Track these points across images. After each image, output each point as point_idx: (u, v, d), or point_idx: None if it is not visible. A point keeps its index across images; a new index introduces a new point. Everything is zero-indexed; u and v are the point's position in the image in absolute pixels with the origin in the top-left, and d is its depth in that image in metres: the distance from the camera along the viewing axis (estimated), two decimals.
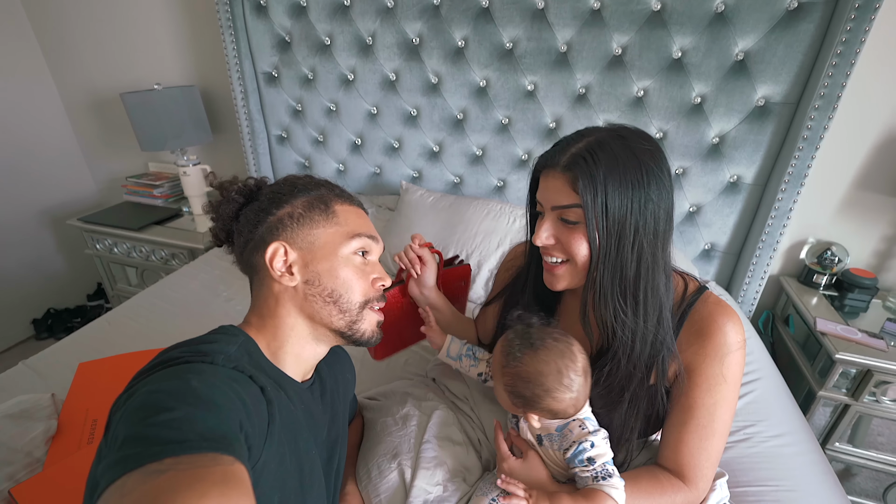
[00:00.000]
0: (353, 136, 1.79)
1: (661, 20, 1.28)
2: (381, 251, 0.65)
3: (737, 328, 0.65)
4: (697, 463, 0.66)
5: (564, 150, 0.63)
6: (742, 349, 0.66)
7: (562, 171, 0.62)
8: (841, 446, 1.35)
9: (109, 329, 1.31)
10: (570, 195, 0.61)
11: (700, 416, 0.65)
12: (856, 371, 1.24)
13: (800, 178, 1.29)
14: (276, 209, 0.58)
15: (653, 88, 1.37)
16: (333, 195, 0.62)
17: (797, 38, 1.20)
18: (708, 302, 0.68)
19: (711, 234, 1.51)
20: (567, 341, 0.65)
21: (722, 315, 0.66)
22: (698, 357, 0.66)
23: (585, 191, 0.59)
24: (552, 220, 0.65)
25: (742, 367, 0.67)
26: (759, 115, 1.31)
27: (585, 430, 0.63)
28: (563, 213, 0.63)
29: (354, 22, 1.57)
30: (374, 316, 0.63)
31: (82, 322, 2.37)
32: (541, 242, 0.66)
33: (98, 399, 0.96)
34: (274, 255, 0.56)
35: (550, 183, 0.64)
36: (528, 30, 1.42)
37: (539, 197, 0.67)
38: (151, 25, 1.93)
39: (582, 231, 0.62)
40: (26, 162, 2.18)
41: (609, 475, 0.61)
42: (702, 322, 0.66)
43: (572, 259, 0.65)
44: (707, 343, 0.65)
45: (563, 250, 0.65)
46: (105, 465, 0.34)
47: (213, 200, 0.63)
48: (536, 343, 0.64)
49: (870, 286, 1.42)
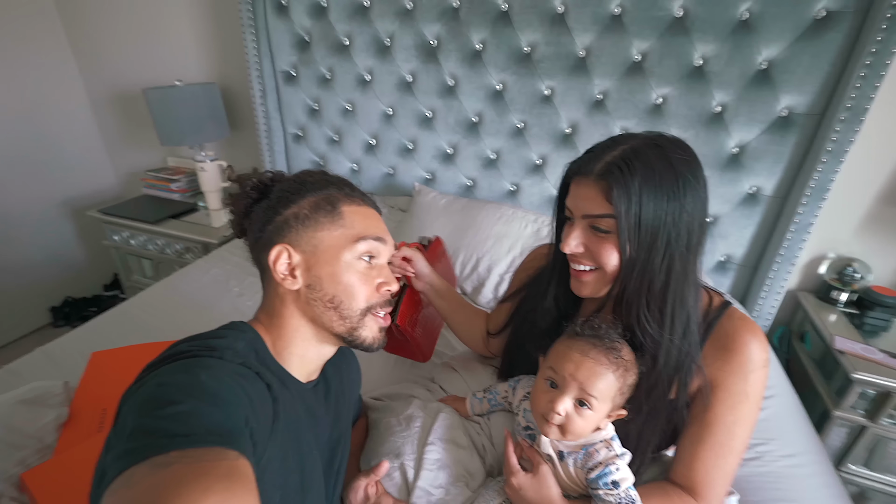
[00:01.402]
0: (369, 137, 1.80)
1: (684, 27, 1.27)
2: (390, 253, 0.64)
3: (762, 346, 0.64)
4: (712, 480, 0.65)
5: (598, 158, 0.61)
6: (766, 367, 0.65)
7: (595, 180, 0.61)
8: (856, 468, 1.31)
9: (123, 319, 1.33)
10: (602, 205, 0.60)
11: (719, 432, 0.64)
12: (875, 392, 1.21)
13: (822, 192, 1.26)
14: (284, 209, 0.58)
15: (672, 96, 1.35)
16: (342, 195, 0.60)
17: (824, 48, 1.17)
18: (734, 318, 0.67)
19: (728, 246, 1.48)
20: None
21: (748, 332, 0.65)
22: (722, 373, 0.64)
23: (619, 201, 0.58)
24: (582, 228, 0.64)
25: (765, 386, 0.66)
26: (782, 126, 1.28)
27: (613, 453, 0.62)
28: (594, 221, 0.62)
29: (373, 23, 1.58)
30: (376, 323, 0.61)
31: (98, 311, 2.41)
32: (569, 250, 0.64)
33: (109, 388, 0.97)
34: (277, 257, 0.56)
35: (582, 191, 0.63)
36: (546, 34, 1.41)
37: (569, 204, 0.65)
38: (175, 24, 1.97)
39: (613, 241, 0.61)
40: (51, 153, 2.24)
41: (633, 501, 0.60)
42: (727, 338, 0.65)
43: (601, 268, 0.64)
44: (732, 359, 0.64)
45: (593, 259, 0.64)
46: (113, 455, 0.34)
47: (233, 193, 0.64)
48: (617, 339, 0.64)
49: (892, 305, 1.37)
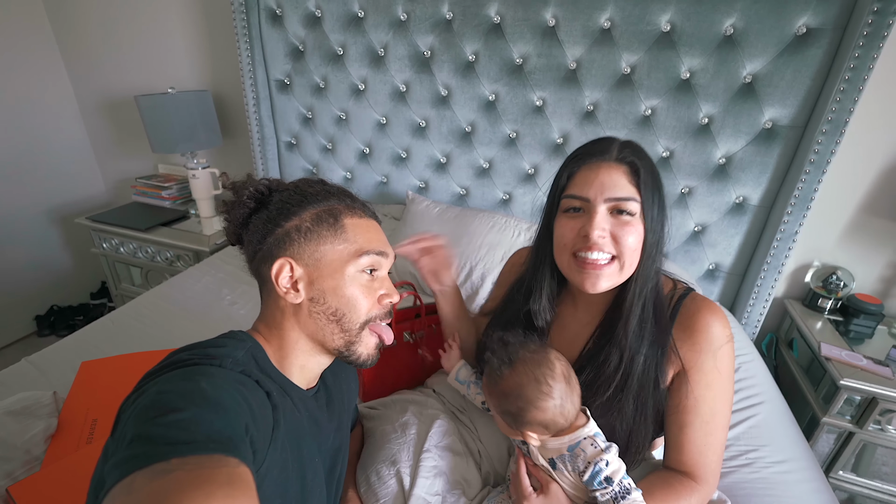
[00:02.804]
0: (362, 145, 1.81)
1: (671, 41, 1.30)
2: (390, 265, 0.64)
3: (722, 322, 0.67)
4: (705, 460, 0.67)
5: (609, 146, 0.65)
6: (731, 342, 0.67)
7: (617, 163, 0.63)
8: (845, 475, 1.33)
9: (113, 328, 1.31)
10: (627, 187, 0.62)
11: (702, 412, 0.66)
12: (861, 398, 1.23)
13: (806, 202, 1.29)
14: (285, 221, 0.57)
15: (660, 108, 1.38)
16: (344, 206, 0.60)
17: (805, 63, 1.21)
18: (696, 300, 0.70)
19: (716, 255, 1.51)
20: (543, 350, 0.66)
21: (707, 312, 0.67)
22: (692, 353, 0.67)
23: (645, 183, 0.61)
24: (605, 212, 0.64)
25: (733, 360, 0.69)
26: (766, 138, 1.32)
27: (598, 448, 0.63)
28: (619, 204, 0.63)
29: (367, 33, 1.60)
30: (372, 339, 0.61)
31: (84, 320, 2.38)
32: (596, 236, 0.63)
33: (99, 398, 0.96)
34: (280, 271, 0.55)
35: (603, 175, 0.63)
36: (538, 46, 1.44)
37: (583, 192, 0.64)
38: (168, 31, 1.97)
39: (635, 224, 0.63)
40: (38, 159, 2.21)
41: (628, 491, 0.60)
42: (690, 319, 0.68)
43: (620, 255, 0.64)
44: (698, 339, 0.66)
45: (614, 245, 0.64)
46: (112, 463, 0.34)
47: (227, 200, 0.62)
48: (513, 358, 0.65)
49: (875, 312, 1.40)
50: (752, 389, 1.15)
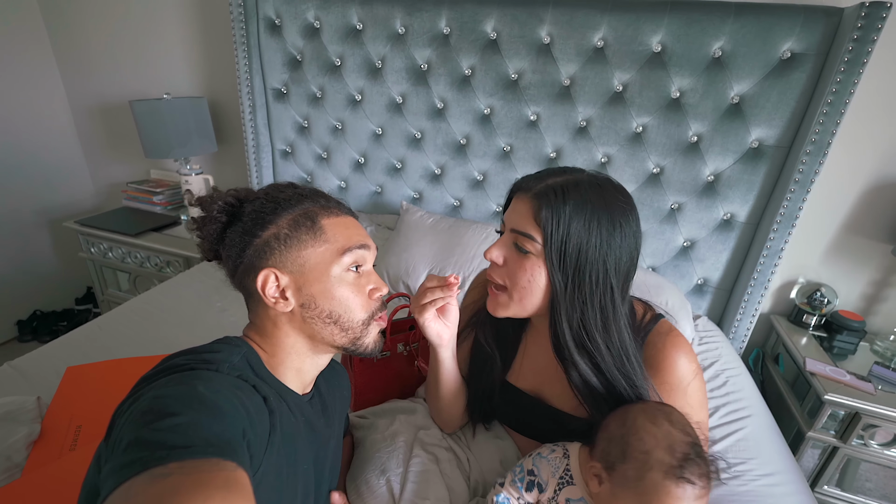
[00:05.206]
0: (357, 155, 1.82)
1: (661, 61, 1.34)
2: (374, 257, 0.63)
3: (689, 357, 0.68)
4: None
5: (542, 180, 0.65)
6: (699, 375, 0.68)
7: (531, 199, 0.64)
8: (830, 489, 1.35)
9: (99, 334, 1.29)
10: (531, 224, 0.63)
11: None
12: (844, 413, 1.25)
13: (791, 219, 1.33)
14: (262, 231, 0.55)
15: (651, 125, 1.42)
16: (319, 207, 0.59)
17: (790, 86, 1.25)
18: (661, 333, 0.70)
19: (704, 270, 1.54)
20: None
21: (673, 349, 0.68)
22: (662, 389, 0.67)
23: (547, 223, 0.61)
24: (508, 242, 0.66)
25: (704, 390, 0.70)
26: (753, 157, 1.35)
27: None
28: (518, 238, 0.64)
29: (365, 45, 1.62)
30: (375, 328, 0.62)
31: (68, 326, 2.33)
32: (491, 258, 0.67)
33: (84, 404, 0.94)
34: (265, 282, 0.55)
35: (518, 207, 0.66)
36: (533, 63, 1.47)
37: (505, 216, 0.68)
38: (165, 37, 1.97)
39: (530, 264, 0.64)
40: (26, 162, 2.18)
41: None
42: (656, 358, 0.68)
43: (510, 288, 0.66)
44: (667, 378, 0.67)
45: (507, 274, 0.66)
46: (109, 468, 0.34)
47: (197, 216, 0.60)
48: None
49: (858, 329, 1.44)
50: (739, 403, 1.16)
